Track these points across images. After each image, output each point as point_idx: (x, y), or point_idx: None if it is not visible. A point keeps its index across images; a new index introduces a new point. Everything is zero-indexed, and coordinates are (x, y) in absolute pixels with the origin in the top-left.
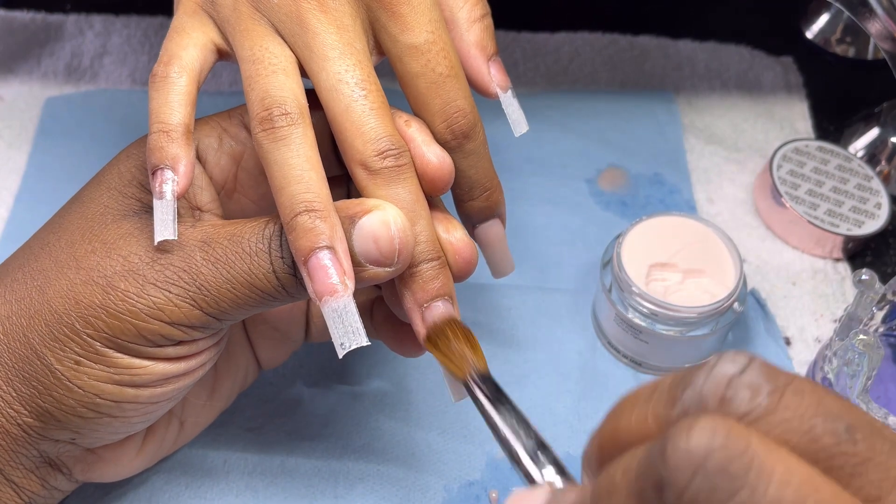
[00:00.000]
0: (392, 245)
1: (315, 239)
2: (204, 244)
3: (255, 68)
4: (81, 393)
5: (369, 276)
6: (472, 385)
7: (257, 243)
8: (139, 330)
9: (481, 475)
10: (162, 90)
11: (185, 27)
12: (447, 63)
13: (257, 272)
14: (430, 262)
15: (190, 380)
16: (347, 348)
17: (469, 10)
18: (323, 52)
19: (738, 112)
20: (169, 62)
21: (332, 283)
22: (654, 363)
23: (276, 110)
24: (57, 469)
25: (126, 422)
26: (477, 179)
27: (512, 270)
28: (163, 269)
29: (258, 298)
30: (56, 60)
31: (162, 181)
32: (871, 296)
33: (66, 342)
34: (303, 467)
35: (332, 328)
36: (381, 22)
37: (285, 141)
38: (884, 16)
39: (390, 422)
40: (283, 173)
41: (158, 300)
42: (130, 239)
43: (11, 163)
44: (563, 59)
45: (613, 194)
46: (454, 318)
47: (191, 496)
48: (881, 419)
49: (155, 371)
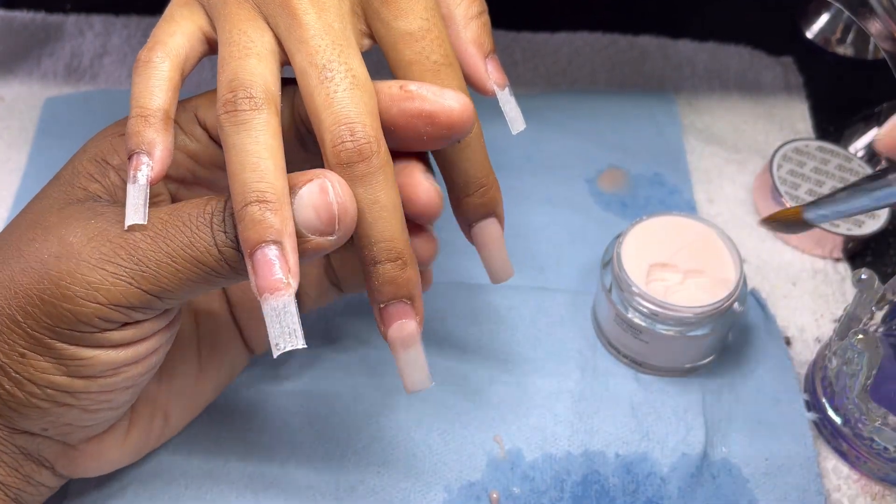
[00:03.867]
0: (331, 211)
1: (263, 232)
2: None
3: (228, 50)
4: (32, 386)
5: (313, 246)
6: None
7: (198, 216)
8: (76, 315)
9: (482, 475)
10: (144, 75)
11: (175, 15)
12: (442, 51)
13: (198, 245)
14: (388, 263)
15: (142, 367)
16: (282, 349)
17: (466, 8)
18: (299, 33)
19: (738, 112)
20: (153, 48)
21: (275, 280)
22: (654, 363)
23: (240, 93)
24: (40, 465)
25: (86, 410)
26: (472, 174)
27: (511, 276)
28: (98, 245)
29: (200, 274)
30: (56, 60)
31: (137, 165)
32: (871, 296)
33: (10, 335)
34: (303, 468)
35: (270, 327)
36: (373, 7)
37: (245, 126)
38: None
39: (391, 422)
40: (239, 159)
41: (93, 280)
42: (70, 220)
43: (11, 163)
44: (563, 59)
45: (613, 194)
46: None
47: (191, 497)
48: (881, 419)
49: (103, 360)
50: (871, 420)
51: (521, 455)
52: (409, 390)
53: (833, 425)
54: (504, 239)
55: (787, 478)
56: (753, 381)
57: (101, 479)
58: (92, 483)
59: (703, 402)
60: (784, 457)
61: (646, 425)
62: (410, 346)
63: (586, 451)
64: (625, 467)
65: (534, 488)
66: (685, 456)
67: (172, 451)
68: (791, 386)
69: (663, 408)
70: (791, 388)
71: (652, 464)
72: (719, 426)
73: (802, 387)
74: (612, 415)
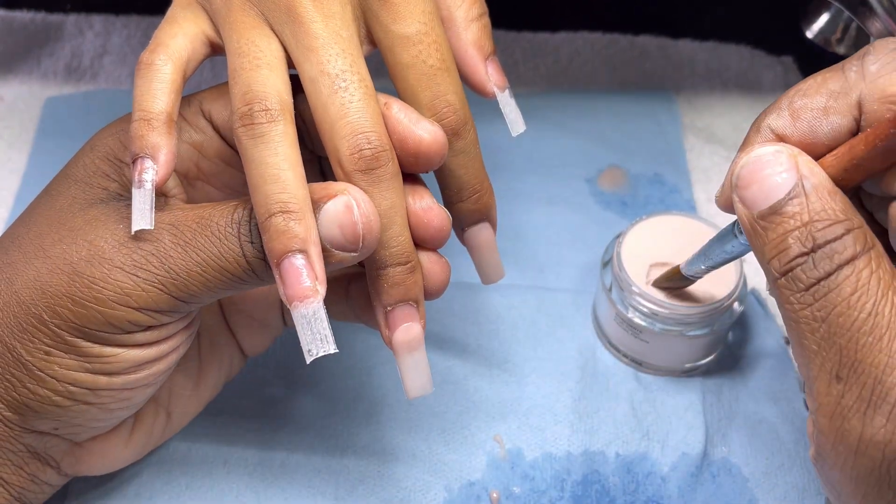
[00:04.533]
0: (356, 230)
1: (289, 242)
2: (172, 227)
3: (239, 62)
4: (54, 383)
5: (336, 260)
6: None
7: (226, 227)
8: (106, 317)
9: (482, 475)
10: (146, 77)
11: (177, 17)
12: (439, 55)
13: (227, 256)
14: (397, 267)
15: (164, 365)
16: (315, 355)
17: (467, 9)
18: (307, 41)
19: (738, 112)
20: (155, 50)
21: (303, 288)
22: (655, 363)
23: (256, 106)
24: (45, 463)
25: (104, 409)
26: (466, 181)
27: (501, 278)
28: (130, 252)
29: (228, 282)
30: (56, 60)
31: (141, 170)
32: None
33: (35, 333)
34: (303, 468)
35: (301, 334)
36: (373, 11)
37: (264, 138)
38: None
39: (391, 422)
40: (259, 171)
41: (126, 285)
42: (97, 223)
43: (11, 163)
44: (563, 59)
45: (613, 194)
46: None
47: (191, 497)
48: None
49: (127, 358)
50: None
51: (521, 455)
52: (411, 396)
53: None
54: (496, 242)
55: (787, 478)
56: (753, 381)
57: (101, 479)
58: (92, 482)
59: (702, 402)
60: (784, 457)
61: (646, 425)
62: (415, 349)
63: (586, 450)
64: (625, 467)
65: (534, 488)
66: (685, 455)
67: (172, 451)
68: (791, 386)
69: (663, 407)
70: (791, 388)
71: (652, 463)
72: (719, 426)
73: (802, 386)
74: (612, 414)
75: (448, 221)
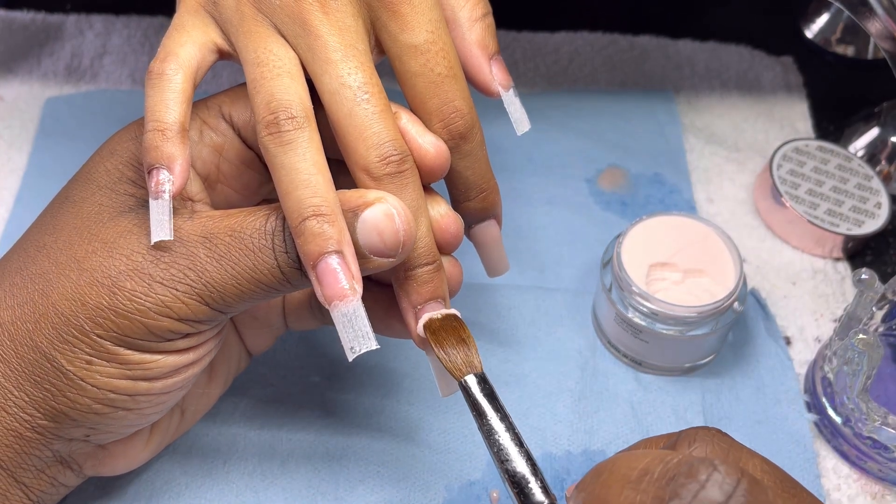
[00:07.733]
0: (397, 237)
1: (324, 244)
2: (205, 240)
3: (259, 71)
4: (95, 391)
5: (373, 266)
6: (468, 385)
7: (260, 239)
8: (148, 328)
9: (482, 475)
10: (158, 87)
11: (185, 25)
12: (446, 63)
13: (262, 268)
14: (425, 266)
15: (198, 368)
16: (357, 352)
17: (471, 10)
18: (325, 54)
19: (738, 112)
20: (165, 59)
21: (341, 288)
22: (654, 363)
23: (282, 114)
24: (67, 466)
25: (140, 414)
26: (473, 181)
27: (507, 270)
28: (167, 266)
29: (263, 292)
30: (56, 60)
31: (158, 181)
32: (871, 295)
33: (76, 343)
34: (303, 468)
35: (342, 333)
36: (381, 21)
37: (292, 145)
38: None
39: (391, 422)
40: (290, 178)
41: (166, 298)
42: (130, 237)
43: (11, 163)
44: (563, 59)
45: (613, 194)
46: (456, 316)
47: (191, 496)
48: (881, 419)
49: (166, 363)
50: (871, 420)
51: None
52: (444, 394)
53: (833, 425)
54: (501, 237)
55: None
56: (753, 381)
57: (101, 479)
58: (92, 482)
59: (703, 402)
60: (784, 457)
61: (646, 425)
62: None
63: (586, 450)
64: None
65: None
66: None
67: (172, 451)
68: (791, 386)
69: (663, 407)
70: (791, 388)
71: None
72: (719, 426)
73: (802, 387)
74: (611, 414)
75: (462, 227)
